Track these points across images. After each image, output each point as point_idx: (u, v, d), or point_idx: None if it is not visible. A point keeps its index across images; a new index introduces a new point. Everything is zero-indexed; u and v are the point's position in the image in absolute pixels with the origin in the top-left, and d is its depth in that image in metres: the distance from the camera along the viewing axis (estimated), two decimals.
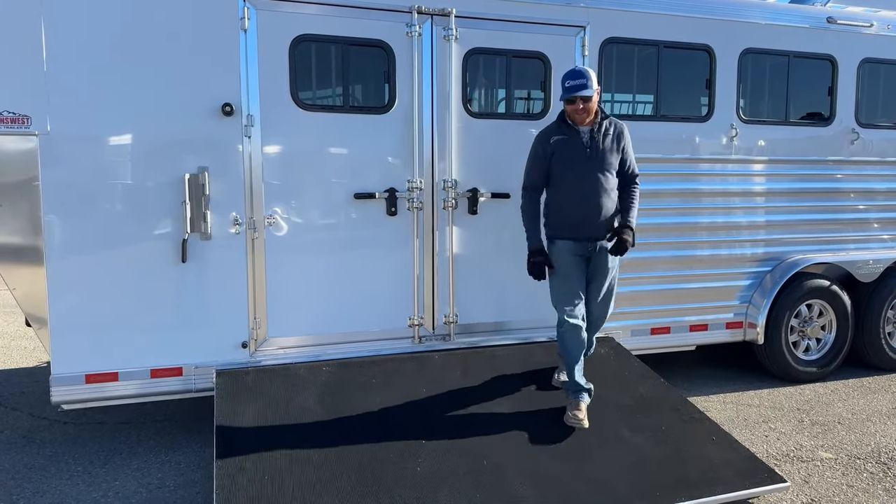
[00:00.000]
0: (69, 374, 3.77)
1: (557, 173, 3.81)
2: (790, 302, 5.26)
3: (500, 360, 4.33)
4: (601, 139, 3.76)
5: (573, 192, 3.75)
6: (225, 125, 3.91)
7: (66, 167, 3.69)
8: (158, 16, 3.76)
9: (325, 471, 3.20)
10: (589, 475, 3.31)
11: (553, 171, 3.82)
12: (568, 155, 3.76)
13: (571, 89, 3.64)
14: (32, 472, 3.87)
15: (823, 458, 4.04)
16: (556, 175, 3.81)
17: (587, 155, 3.74)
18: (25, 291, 3.78)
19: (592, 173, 3.74)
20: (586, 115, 3.72)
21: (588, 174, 3.74)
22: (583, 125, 3.76)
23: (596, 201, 3.74)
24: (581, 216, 3.75)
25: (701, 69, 4.93)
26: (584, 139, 3.75)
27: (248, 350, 4.08)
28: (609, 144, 3.77)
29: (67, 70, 3.64)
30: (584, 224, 3.77)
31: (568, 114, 3.76)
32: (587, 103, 3.68)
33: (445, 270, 4.45)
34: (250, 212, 4.02)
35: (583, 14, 4.56)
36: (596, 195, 3.74)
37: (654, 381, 4.23)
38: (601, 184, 3.74)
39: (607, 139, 3.78)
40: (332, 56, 4.14)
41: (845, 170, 5.42)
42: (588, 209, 3.75)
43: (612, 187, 3.78)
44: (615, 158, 3.79)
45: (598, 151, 3.75)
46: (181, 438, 4.33)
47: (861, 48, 5.36)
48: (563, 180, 3.79)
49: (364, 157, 4.22)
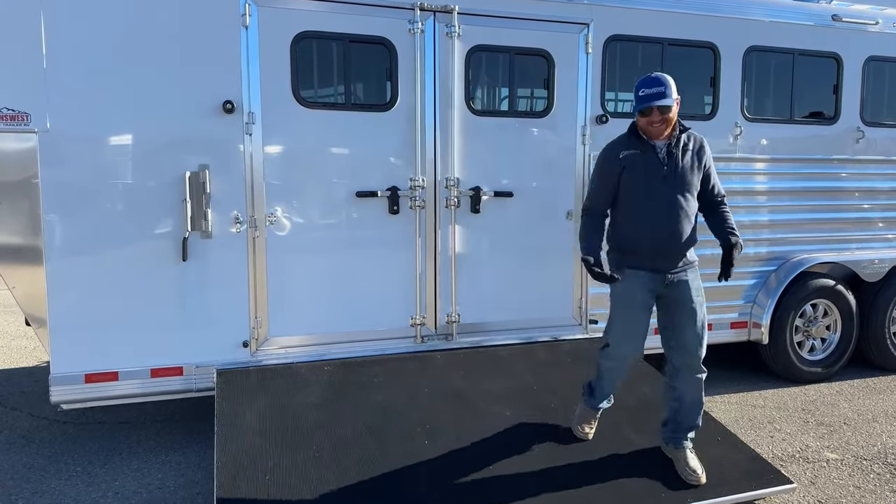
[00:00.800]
0: (69, 373, 3.74)
1: (627, 194, 3.29)
2: (795, 302, 5.23)
3: (502, 360, 4.31)
4: (680, 155, 3.24)
5: (647, 216, 3.24)
6: (226, 123, 3.88)
7: (65, 165, 3.66)
8: (159, 12, 3.73)
9: (327, 471, 3.17)
10: (594, 475, 3.28)
11: (622, 191, 3.30)
12: (641, 173, 3.24)
13: (647, 98, 3.13)
14: (31, 472, 3.84)
15: (830, 459, 4.00)
16: (626, 196, 3.29)
17: (664, 173, 3.22)
18: (25, 291, 3.76)
19: (670, 195, 3.22)
20: (664, 129, 3.20)
21: (665, 196, 3.22)
22: (658, 139, 3.25)
23: (674, 227, 3.21)
24: (655, 245, 3.24)
25: (705, 67, 4.90)
26: (661, 155, 3.23)
27: (250, 349, 4.05)
28: (689, 161, 3.25)
29: (67, 67, 3.62)
30: (658, 254, 3.25)
31: (641, 127, 3.25)
32: (666, 115, 3.16)
33: (448, 269, 4.42)
34: (251, 210, 3.99)
35: (586, 11, 4.52)
36: (674, 220, 3.21)
37: (659, 381, 4.19)
38: (680, 207, 3.22)
39: (687, 155, 3.25)
40: (334, 53, 4.11)
41: (850, 168, 5.38)
42: (664, 237, 3.22)
43: (692, 211, 3.26)
44: (696, 178, 3.28)
45: (677, 169, 3.23)
46: (181, 438, 4.30)
47: (866, 46, 5.32)
48: (633, 202, 3.28)
49: (366, 156, 4.20)
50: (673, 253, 3.26)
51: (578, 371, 4.24)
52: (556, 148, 4.58)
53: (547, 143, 4.56)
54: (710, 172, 3.34)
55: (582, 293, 4.72)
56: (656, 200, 3.22)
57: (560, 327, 4.69)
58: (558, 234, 4.64)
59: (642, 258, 3.27)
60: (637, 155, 3.25)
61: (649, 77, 3.18)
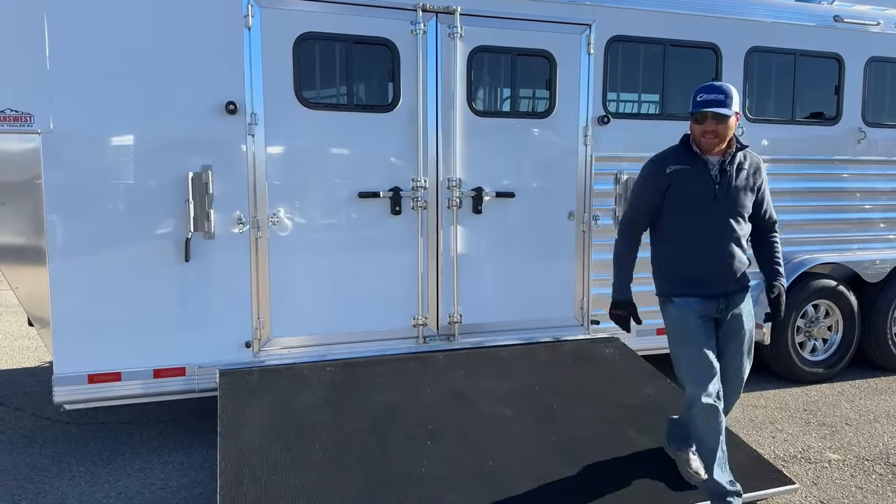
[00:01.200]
0: (72, 373, 3.75)
1: (673, 212, 3.05)
2: (796, 302, 5.23)
3: (504, 361, 4.31)
4: (734, 174, 3.00)
5: (696, 237, 3.01)
6: (229, 123, 3.89)
7: (68, 166, 3.67)
8: (162, 14, 3.74)
9: (330, 471, 3.17)
10: (596, 476, 3.28)
11: (667, 209, 3.06)
12: (690, 191, 3.00)
13: (703, 104, 2.91)
14: (34, 472, 3.84)
15: (831, 460, 4.00)
16: (671, 215, 3.05)
17: (716, 193, 2.98)
18: (28, 291, 3.76)
19: (722, 216, 2.99)
20: (717, 142, 2.95)
21: (716, 217, 2.99)
22: (711, 154, 3.00)
23: (725, 251, 3.00)
24: (706, 271, 3.03)
25: (707, 68, 4.90)
26: (713, 172, 2.99)
27: (252, 350, 4.06)
28: (743, 182, 3.01)
29: (70, 68, 3.62)
30: (708, 279, 3.04)
31: (694, 137, 3.00)
32: (720, 125, 2.91)
33: (450, 270, 4.42)
34: (254, 211, 3.99)
35: (588, 12, 4.53)
36: (725, 244, 3.00)
37: (661, 381, 4.20)
38: (733, 231, 3.00)
39: (741, 175, 3.01)
40: (336, 54, 4.12)
41: (852, 169, 5.39)
42: (715, 263, 3.02)
43: (744, 235, 3.06)
44: (749, 200, 3.04)
45: (731, 190, 2.98)
46: (184, 439, 4.30)
47: (868, 47, 5.33)
48: (681, 223, 3.04)
49: (368, 156, 4.20)
50: (724, 278, 3.04)
51: (580, 372, 4.26)
52: (558, 148, 4.58)
53: (549, 143, 4.56)
54: (764, 196, 3.12)
55: (583, 294, 4.72)
56: (706, 221, 2.99)
57: (562, 328, 4.70)
58: (560, 234, 4.64)
59: (691, 284, 3.05)
60: (686, 171, 3.01)
61: (711, 83, 2.97)
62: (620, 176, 4.68)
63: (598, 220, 4.68)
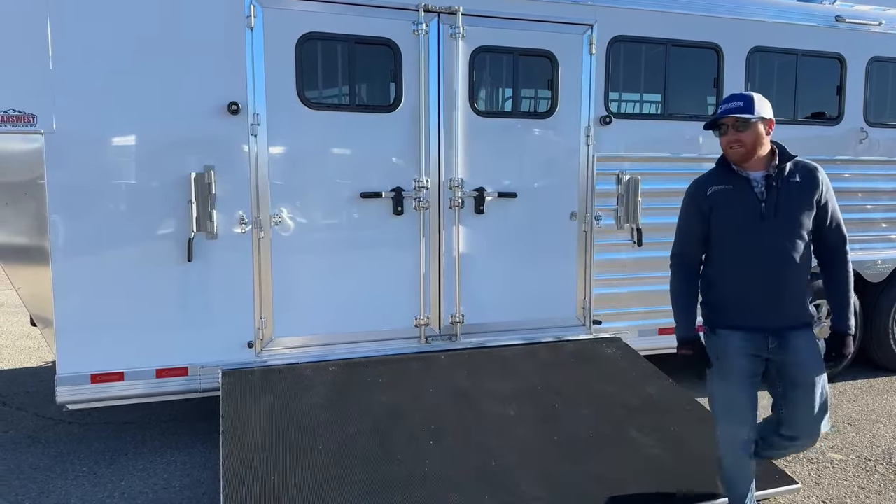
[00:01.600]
0: (74, 373, 3.76)
1: (717, 237, 2.79)
2: None
3: (506, 361, 4.31)
4: (784, 188, 2.70)
5: (741, 263, 2.73)
6: (231, 124, 3.90)
7: (71, 166, 3.67)
8: (164, 14, 3.75)
9: (332, 471, 3.18)
10: (598, 476, 3.28)
11: (713, 234, 2.80)
12: (733, 212, 2.74)
13: (723, 112, 2.70)
14: (37, 472, 3.85)
15: (834, 460, 4.00)
16: (716, 239, 2.80)
17: (762, 212, 2.69)
18: (31, 291, 3.77)
19: (771, 237, 2.68)
20: (744, 151, 2.69)
21: (765, 239, 2.69)
22: (750, 167, 2.73)
23: (776, 278, 2.69)
24: (751, 300, 2.72)
25: (709, 68, 4.90)
26: (758, 189, 2.71)
27: (254, 350, 4.06)
28: (796, 195, 2.70)
29: (73, 69, 3.63)
30: (756, 311, 2.72)
31: (724, 152, 2.78)
32: (743, 132, 2.67)
33: (452, 270, 4.43)
34: (256, 211, 4.00)
35: (590, 12, 4.53)
36: (777, 269, 2.68)
37: (663, 381, 4.20)
38: (785, 253, 2.67)
39: (793, 188, 2.70)
40: (339, 54, 4.12)
41: (853, 169, 5.38)
42: (764, 290, 2.70)
43: (801, 257, 2.69)
44: (806, 216, 2.70)
45: (780, 206, 2.69)
46: (187, 439, 4.31)
47: (870, 46, 5.32)
48: (726, 247, 2.78)
49: (370, 156, 4.20)
50: (773, 311, 2.70)
51: (582, 372, 4.26)
52: (560, 149, 4.59)
53: (551, 143, 4.57)
54: (827, 209, 2.73)
55: (585, 294, 4.73)
56: (754, 244, 2.69)
57: (564, 328, 4.70)
58: (562, 234, 4.64)
59: (736, 315, 2.75)
60: (728, 191, 2.75)
61: (733, 93, 2.79)
62: (622, 176, 4.68)
63: (599, 220, 4.68)
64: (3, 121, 3.55)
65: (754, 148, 2.70)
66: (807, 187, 2.72)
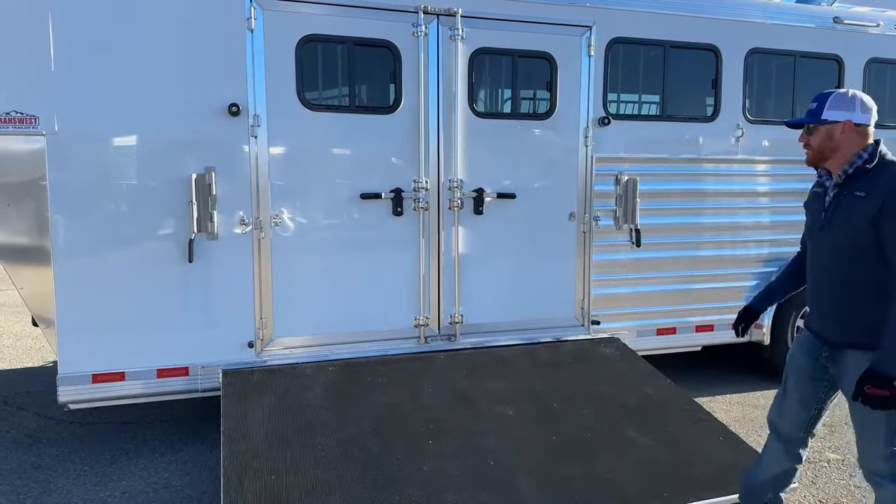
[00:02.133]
0: (76, 373, 3.78)
1: (804, 237, 2.76)
2: (796, 302, 5.24)
3: (505, 361, 4.33)
4: (844, 200, 2.44)
5: (810, 270, 2.64)
6: (231, 125, 3.92)
7: (73, 167, 3.70)
8: (165, 16, 3.77)
9: (332, 471, 3.20)
10: (596, 476, 3.30)
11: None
12: (810, 216, 2.65)
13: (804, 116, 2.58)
14: (39, 471, 3.87)
15: (831, 460, 4.02)
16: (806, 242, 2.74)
17: (822, 222, 2.53)
18: (32, 291, 3.79)
19: (826, 250, 2.51)
20: (810, 154, 2.55)
21: (823, 250, 2.53)
22: (832, 170, 2.53)
23: (826, 295, 2.53)
24: (813, 306, 2.63)
25: (707, 69, 4.92)
26: (828, 197, 2.52)
27: (255, 350, 4.08)
28: (857, 208, 2.38)
29: (75, 70, 3.65)
30: (815, 317, 2.62)
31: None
32: (809, 135, 2.54)
33: (451, 270, 4.45)
34: (256, 212, 4.02)
35: (589, 14, 4.55)
36: (828, 286, 2.51)
37: (661, 381, 4.22)
38: (838, 269, 2.46)
39: (853, 202, 2.40)
40: (339, 56, 4.14)
41: None
42: (819, 300, 2.58)
43: (859, 276, 2.41)
44: (864, 234, 2.36)
45: (835, 219, 2.47)
46: (187, 438, 4.33)
47: (867, 48, 5.35)
48: (806, 248, 2.71)
49: (370, 157, 4.23)
50: (827, 324, 2.55)
51: (581, 372, 4.28)
52: (559, 150, 4.61)
53: (549, 144, 4.59)
54: (886, 235, 2.31)
55: (584, 294, 4.75)
56: (814, 253, 2.59)
57: (563, 328, 4.72)
58: (561, 235, 4.67)
59: (810, 314, 2.66)
60: (815, 192, 2.64)
61: (821, 92, 2.59)
62: (621, 177, 4.70)
63: (598, 220, 4.70)
64: (5, 122, 3.58)
65: (821, 152, 2.52)
66: (868, 204, 2.36)
